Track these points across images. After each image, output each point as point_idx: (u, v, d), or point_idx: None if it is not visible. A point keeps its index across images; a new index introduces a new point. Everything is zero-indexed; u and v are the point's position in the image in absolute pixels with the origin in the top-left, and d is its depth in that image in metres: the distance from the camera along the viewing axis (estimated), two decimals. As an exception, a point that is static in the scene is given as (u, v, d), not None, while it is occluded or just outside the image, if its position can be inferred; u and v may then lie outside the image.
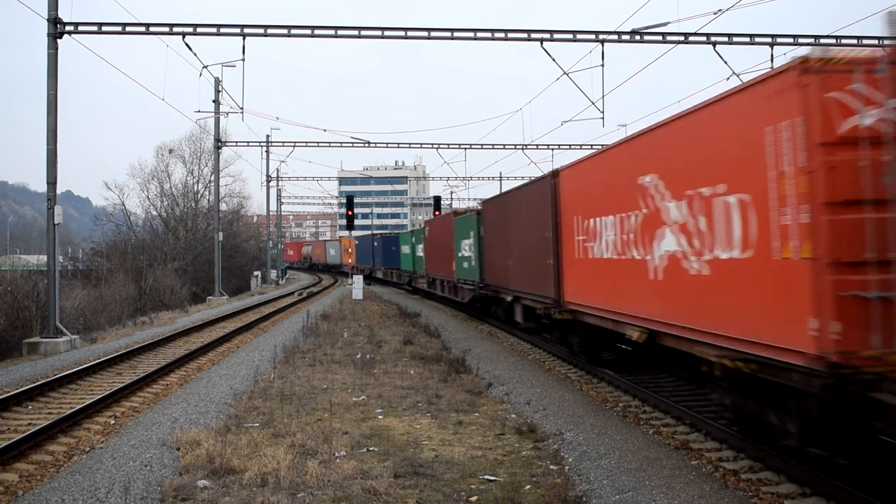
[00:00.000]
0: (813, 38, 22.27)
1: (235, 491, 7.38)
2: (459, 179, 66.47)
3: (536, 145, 41.17)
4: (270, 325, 25.00)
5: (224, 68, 31.12)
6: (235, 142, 45.95)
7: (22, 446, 9.01)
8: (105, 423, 10.61)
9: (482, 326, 23.15)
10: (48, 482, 7.84)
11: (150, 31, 20.60)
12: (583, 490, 7.53)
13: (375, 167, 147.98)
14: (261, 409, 11.21)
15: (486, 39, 21.21)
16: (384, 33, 21.22)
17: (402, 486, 7.61)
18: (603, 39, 21.42)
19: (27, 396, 12.26)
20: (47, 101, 19.48)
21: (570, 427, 9.90)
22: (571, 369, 14.49)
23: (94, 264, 46.27)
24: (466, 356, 16.43)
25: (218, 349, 18.84)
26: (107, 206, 61.56)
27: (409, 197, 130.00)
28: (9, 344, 23.61)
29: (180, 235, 56.33)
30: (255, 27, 20.93)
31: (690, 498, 6.98)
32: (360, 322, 24.59)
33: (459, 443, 9.39)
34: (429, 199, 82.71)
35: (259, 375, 14.08)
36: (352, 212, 40.16)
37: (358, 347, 17.97)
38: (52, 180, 19.58)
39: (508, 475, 7.97)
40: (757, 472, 7.69)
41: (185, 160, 62.83)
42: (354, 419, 10.65)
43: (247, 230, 78.39)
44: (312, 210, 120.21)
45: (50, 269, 19.97)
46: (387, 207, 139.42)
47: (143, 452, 8.76)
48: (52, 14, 19.64)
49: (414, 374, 14.19)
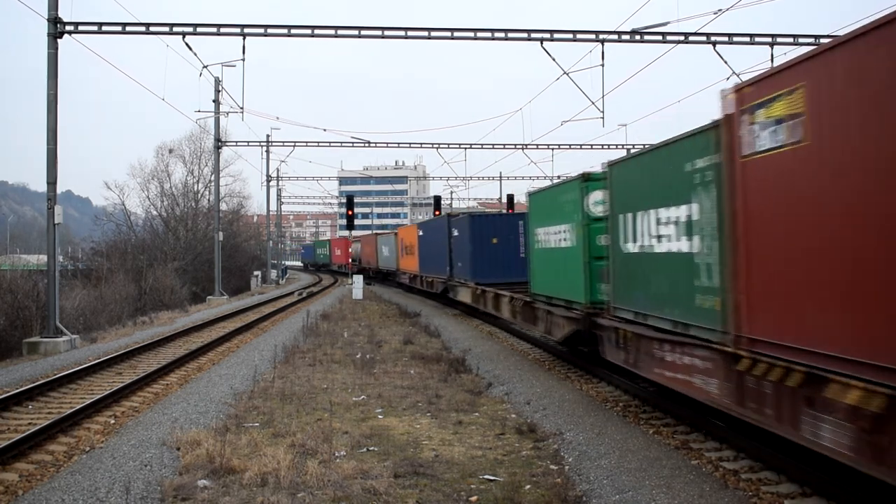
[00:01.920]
0: (813, 38, 22.26)
1: (235, 491, 7.38)
2: (459, 179, 66.46)
3: (536, 145, 41.22)
4: (270, 325, 25.01)
5: (224, 68, 31.19)
6: (235, 142, 45.96)
7: (22, 446, 9.01)
8: (105, 423, 10.61)
9: (482, 326, 23.15)
10: (48, 482, 7.84)
11: (150, 30, 20.60)
12: (583, 490, 7.53)
13: (375, 167, 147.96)
14: (261, 408, 11.21)
15: (486, 39, 21.22)
16: (384, 33, 21.22)
17: (402, 485, 7.61)
18: (603, 39, 21.42)
19: (27, 396, 12.26)
20: (47, 101, 19.49)
21: (570, 427, 9.90)
22: (571, 369, 14.49)
23: (94, 264, 46.23)
24: (466, 356, 16.43)
25: (218, 349, 18.84)
26: (107, 205, 61.61)
27: (409, 197, 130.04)
28: (9, 344, 23.61)
29: (180, 235, 56.34)
30: (255, 27, 20.94)
31: (690, 498, 6.98)
32: (360, 322, 24.59)
33: (459, 442, 9.39)
34: (429, 198, 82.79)
35: (259, 375, 14.08)
36: (352, 211, 40.19)
37: (358, 347, 17.97)
38: (52, 180, 19.58)
39: (508, 475, 7.96)
40: (757, 472, 7.69)
41: (185, 160, 62.91)
42: (354, 419, 10.66)
43: (247, 230, 78.38)
44: (312, 210, 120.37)
45: (50, 269, 19.98)
46: (387, 207, 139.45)
47: (143, 452, 8.76)
48: (52, 14, 19.64)
49: (414, 374, 14.19)
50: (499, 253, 22.58)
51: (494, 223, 24.00)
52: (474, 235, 23.30)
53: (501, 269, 22.06)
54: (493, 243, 22.89)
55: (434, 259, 29.94)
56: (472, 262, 23.14)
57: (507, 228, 23.12)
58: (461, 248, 25.11)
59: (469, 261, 23.56)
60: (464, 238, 24.49)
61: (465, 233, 24.34)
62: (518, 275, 20.06)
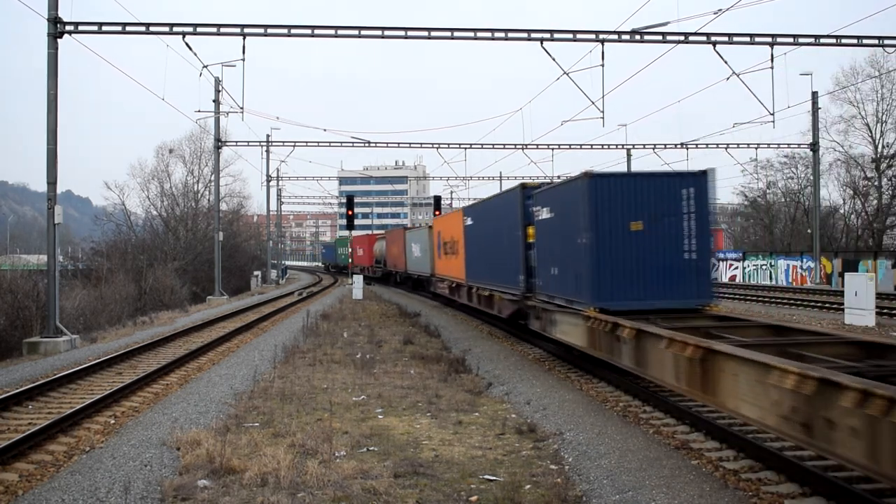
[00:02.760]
0: (813, 38, 22.27)
1: (235, 491, 7.38)
2: (459, 179, 66.59)
3: (536, 145, 41.19)
4: (270, 325, 25.00)
5: (224, 68, 31.11)
6: (235, 142, 45.90)
7: (22, 446, 9.01)
8: (105, 423, 10.60)
9: (482, 326, 23.14)
10: (48, 482, 7.84)
11: (150, 30, 20.59)
12: (583, 490, 7.53)
13: (375, 167, 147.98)
14: (261, 408, 11.21)
15: (486, 39, 21.22)
16: (384, 33, 21.22)
17: (402, 485, 7.61)
18: (603, 39, 21.42)
19: (27, 396, 12.26)
20: (47, 101, 19.48)
21: (570, 427, 9.90)
22: (571, 369, 14.49)
23: (94, 264, 46.24)
24: (466, 356, 16.44)
25: (218, 349, 18.84)
26: (107, 205, 61.69)
27: (409, 197, 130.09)
28: (9, 344, 23.62)
29: (180, 235, 56.37)
30: (256, 27, 20.93)
31: (690, 498, 6.98)
32: (361, 322, 24.59)
33: (459, 442, 9.39)
34: (429, 198, 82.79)
35: (259, 375, 14.08)
36: (352, 211, 40.23)
37: (358, 347, 17.97)
38: (53, 180, 19.58)
39: (508, 475, 7.97)
40: (757, 472, 7.69)
41: (185, 160, 62.99)
42: (354, 419, 10.66)
43: (247, 230, 78.41)
44: (312, 210, 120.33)
45: (50, 269, 19.98)
46: (387, 207, 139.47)
47: (143, 452, 8.76)
48: (53, 14, 19.63)
49: (414, 374, 14.19)
50: (645, 249, 12.11)
51: (636, 190, 12.37)
52: (596, 214, 12.14)
53: (650, 280, 12.06)
54: (634, 231, 12.13)
55: (493, 261, 19.56)
56: (592, 267, 12.10)
57: (661, 201, 12.23)
58: (555, 241, 14.13)
59: (584, 265, 12.35)
60: (565, 222, 13.46)
61: (568, 212, 13.28)
62: (683, 292, 12.00)
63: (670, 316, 11.35)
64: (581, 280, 12.48)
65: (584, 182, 12.28)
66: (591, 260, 12.02)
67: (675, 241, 12.04)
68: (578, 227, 12.48)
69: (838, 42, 22.49)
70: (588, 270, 12.13)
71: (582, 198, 12.30)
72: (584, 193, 12.20)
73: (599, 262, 11.99)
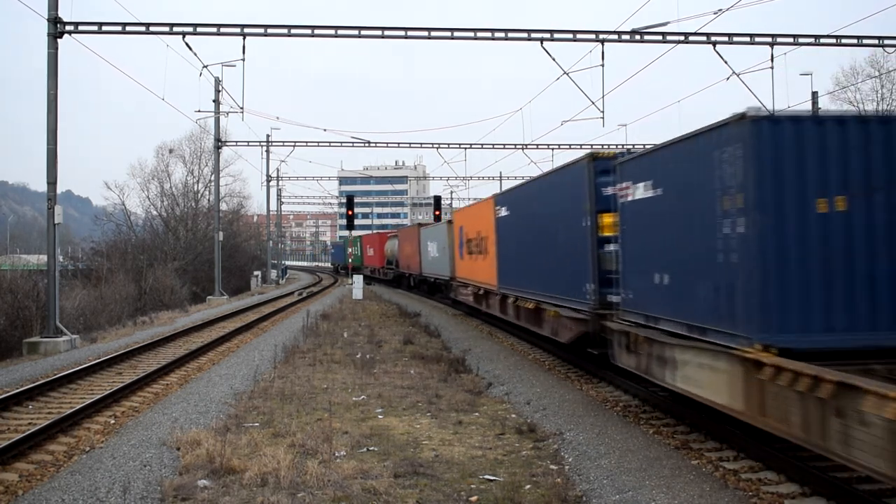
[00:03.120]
0: (813, 38, 22.26)
1: (235, 491, 7.38)
2: (459, 179, 66.56)
3: (536, 145, 41.18)
4: (270, 325, 25.01)
5: (224, 68, 31.16)
6: (235, 142, 45.95)
7: (22, 446, 9.01)
8: (105, 423, 10.61)
9: (482, 326, 23.14)
10: (48, 482, 7.84)
11: (150, 30, 20.59)
12: (583, 490, 7.53)
13: (375, 167, 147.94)
14: (261, 408, 11.21)
15: (486, 39, 21.21)
16: (384, 33, 21.21)
17: (402, 485, 7.61)
18: (603, 39, 21.41)
19: (27, 396, 12.26)
20: (47, 101, 19.48)
21: (570, 427, 9.90)
22: (571, 369, 14.49)
23: (94, 264, 46.20)
24: (466, 356, 16.44)
25: (218, 349, 18.84)
26: (107, 205, 61.57)
27: (409, 197, 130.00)
28: (9, 344, 23.60)
29: (180, 235, 56.35)
30: (256, 27, 20.93)
31: (690, 498, 6.98)
32: (361, 322, 24.59)
33: (459, 442, 9.40)
34: (429, 198, 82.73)
35: (259, 375, 14.08)
36: (352, 211, 40.19)
37: (358, 347, 17.97)
38: (52, 180, 19.58)
39: (508, 475, 7.97)
40: (757, 472, 7.69)
41: (185, 160, 62.92)
42: (354, 419, 10.66)
43: (247, 230, 78.41)
44: (312, 210, 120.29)
45: (50, 269, 19.97)
46: (387, 207, 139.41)
47: (143, 452, 8.76)
48: (52, 14, 19.63)
49: (414, 374, 14.19)
50: (858, 244, 7.06)
51: (842, 142, 7.13)
52: (768, 183, 7.08)
53: (866, 297, 7.03)
54: (833, 213, 7.06)
55: (540, 262, 15.23)
56: (760, 274, 7.09)
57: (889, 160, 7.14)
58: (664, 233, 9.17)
59: (739, 270, 7.35)
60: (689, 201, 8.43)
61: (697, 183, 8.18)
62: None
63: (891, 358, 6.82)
64: (730, 296, 7.53)
65: (742, 128, 7.22)
66: (757, 262, 7.10)
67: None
68: (723, 206, 7.55)
69: (838, 42, 22.47)
70: (748, 280, 7.20)
71: (736, 157, 7.30)
72: (745, 148, 7.18)
73: (776, 265, 7.05)
